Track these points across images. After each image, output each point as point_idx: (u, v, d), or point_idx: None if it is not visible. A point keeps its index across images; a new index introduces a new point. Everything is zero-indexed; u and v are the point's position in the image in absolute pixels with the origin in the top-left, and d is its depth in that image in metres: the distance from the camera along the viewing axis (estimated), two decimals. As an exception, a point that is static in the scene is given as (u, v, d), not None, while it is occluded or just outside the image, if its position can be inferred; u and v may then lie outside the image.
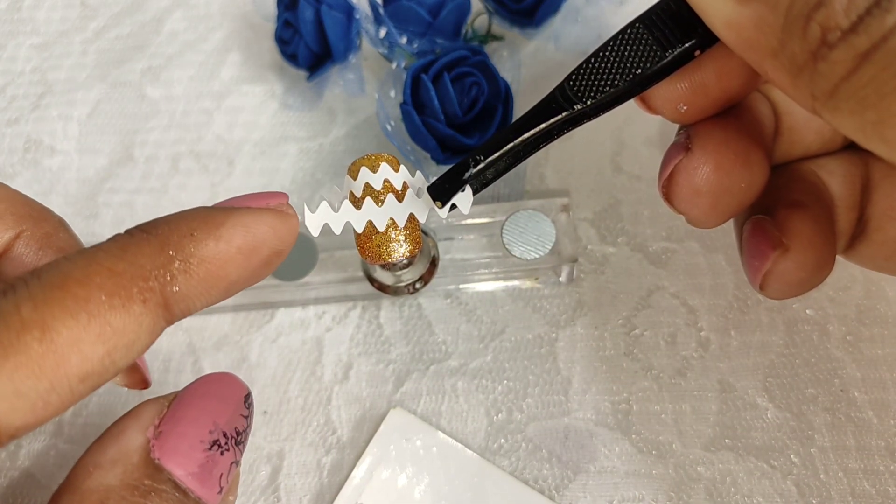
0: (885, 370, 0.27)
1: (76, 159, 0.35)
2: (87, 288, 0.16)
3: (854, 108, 0.15)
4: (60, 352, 0.15)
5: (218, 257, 0.18)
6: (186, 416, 0.20)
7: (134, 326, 0.16)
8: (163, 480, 0.19)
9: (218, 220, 0.18)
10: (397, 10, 0.32)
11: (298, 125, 0.35)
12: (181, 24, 0.38)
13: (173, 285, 0.17)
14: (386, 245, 0.22)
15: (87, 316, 0.16)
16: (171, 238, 0.17)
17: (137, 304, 0.16)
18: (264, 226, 0.19)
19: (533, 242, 0.29)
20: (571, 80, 0.20)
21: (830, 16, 0.15)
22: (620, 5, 0.36)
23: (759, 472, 0.26)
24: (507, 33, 0.35)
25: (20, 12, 0.40)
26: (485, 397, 0.28)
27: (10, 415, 0.15)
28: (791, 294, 0.22)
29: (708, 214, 0.22)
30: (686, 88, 0.21)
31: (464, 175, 0.21)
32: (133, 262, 0.17)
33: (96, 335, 0.16)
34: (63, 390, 0.15)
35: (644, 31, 0.19)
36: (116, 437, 0.20)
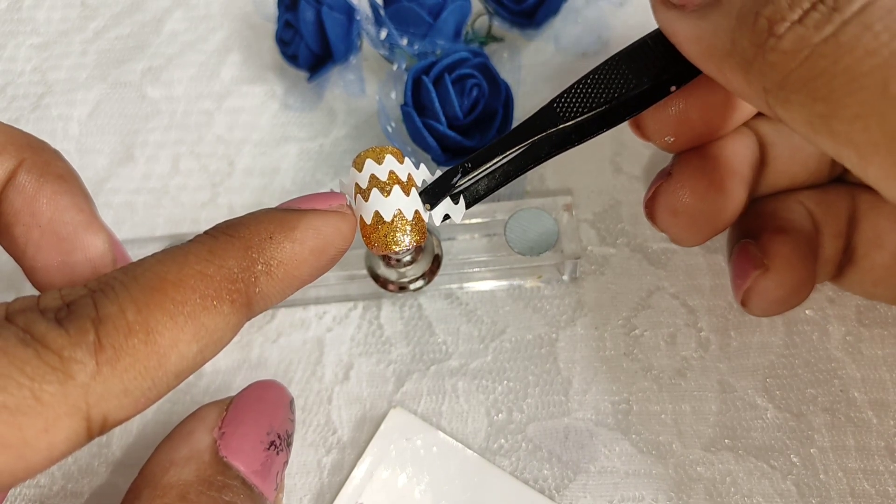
0: (885, 370, 0.27)
1: (76, 159, 0.35)
2: (183, 291, 0.17)
3: (803, 101, 0.16)
4: (162, 352, 0.16)
5: (294, 259, 0.19)
6: (246, 419, 0.22)
7: (223, 325, 0.18)
8: (232, 476, 0.21)
9: (292, 224, 0.19)
10: (398, 11, 0.32)
11: (299, 126, 0.35)
12: (181, 25, 0.38)
13: (256, 286, 0.18)
14: (392, 235, 0.22)
15: (184, 318, 0.17)
16: (253, 241, 0.19)
17: (227, 305, 0.18)
18: (331, 227, 0.20)
19: (535, 240, 0.29)
20: (557, 102, 0.22)
21: (777, 9, 0.16)
22: (620, 6, 0.36)
23: (759, 472, 0.26)
24: (508, 35, 0.35)
25: (20, 12, 0.40)
26: (485, 397, 0.28)
27: (118, 411, 0.16)
28: (772, 312, 0.24)
29: (686, 234, 0.24)
30: (672, 122, 0.23)
31: (452, 180, 0.22)
32: (221, 265, 0.18)
33: (192, 335, 0.17)
34: (161, 386, 0.17)
35: (624, 64, 0.21)
36: (187, 438, 0.22)
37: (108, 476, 0.28)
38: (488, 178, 0.22)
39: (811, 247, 0.24)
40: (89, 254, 0.22)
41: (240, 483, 0.21)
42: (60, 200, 0.22)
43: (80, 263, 0.22)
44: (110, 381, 0.16)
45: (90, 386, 0.15)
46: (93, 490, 0.28)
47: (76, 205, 0.22)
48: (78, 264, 0.21)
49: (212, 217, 0.33)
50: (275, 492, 0.23)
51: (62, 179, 0.22)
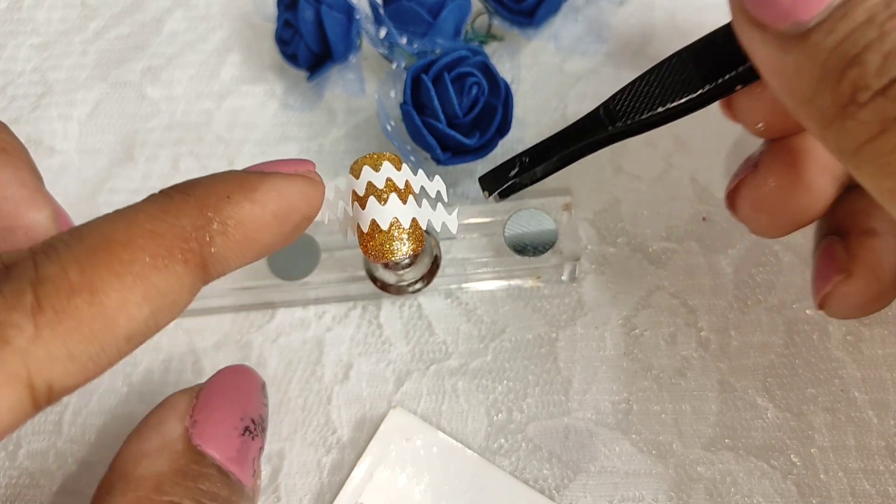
0: (885, 370, 0.27)
1: (76, 159, 0.35)
2: (132, 250, 0.16)
3: (875, 172, 0.15)
4: (109, 314, 0.15)
5: (253, 220, 0.18)
6: (217, 405, 0.21)
7: (176, 287, 0.17)
8: (207, 465, 0.20)
9: (253, 184, 0.18)
10: (397, 10, 0.32)
11: (298, 125, 0.35)
12: (181, 24, 0.38)
13: (212, 246, 0.17)
14: (389, 244, 0.22)
15: (133, 278, 0.16)
16: (209, 200, 0.18)
17: (179, 265, 0.17)
18: (296, 191, 0.19)
19: (535, 241, 0.29)
20: (615, 100, 0.21)
21: (863, 74, 0.15)
22: (620, 5, 0.36)
23: (759, 472, 0.26)
24: (507, 33, 0.35)
25: (20, 12, 0.40)
26: (485, 397, 0.28)
27: (64, 377, 0.15)
28: (850, 316, 0.23)
29: (766, 229, 0.23)
30: (767, 108, 0.21)
31: (510, 172, 0.23)
32: (174, 223, 0.17)
33: (142, 296, 0.16)
34: (111, 351, 0.16)
35: (689, 62, 0.20)
36: (157, 428, 0.21)
37: (108, 476, 0.28)
38: (546, 163, 0.22)
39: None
40: (32, 232, 0.21)
41: (216, 471, 0.21)
42: (1, 174, 0.20)
43: (21, 242, 0.20)
44: (52, 344, 0.15)
45: (30, 351, 0.14)
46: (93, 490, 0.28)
47: (19, 179, 0.21)
48: (19, 242, 0.20)
49: (212, 217, 0.33)
50: (252, 478, 0.22)
51: (4, 152, 0.21)
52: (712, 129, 0.33)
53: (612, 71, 0.34)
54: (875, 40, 0.14)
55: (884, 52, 0.14)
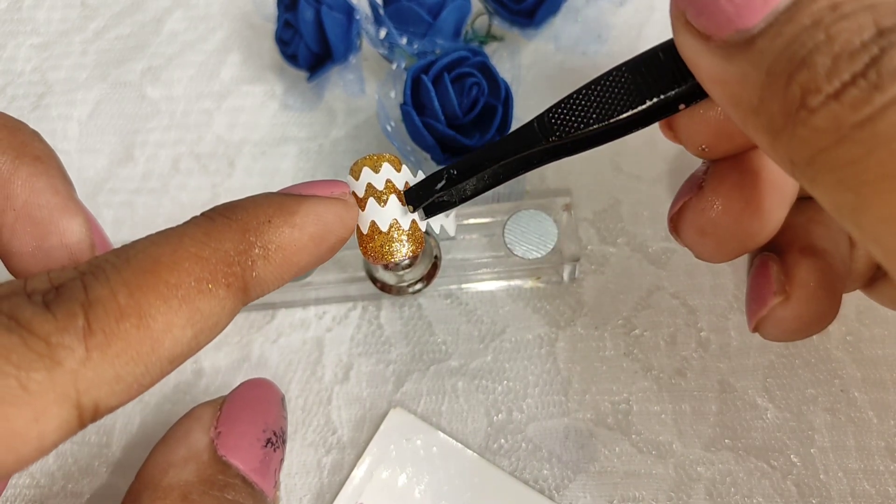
0: (885, 370, 0.27)
1: (76, 159, 0.35)
2: (178, 273, 0.16)
3: (831, 185, 0.14)
4: (155, 337, 0.16)
5: (293, 244, 0.19)
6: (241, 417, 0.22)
7: (218, 309, 0.17)
8: (233, 475, 0.21)
9: (292, 208, 0.19)
10: (397, 10, 0.32)
11: (298, 125, 0.35)
12: (181, 24, 0.38)
13: (253, 270, 0.18)
14: (388, 245, 0.22)
15: (178, 301, 0.16)
16: (251, 224, 0.18)
17: (222, 289, 0.17)
18: (333, 214, 0.20)
19: (535, 241, 0.29)
20: (550, 113, 0.20)
21: (812, 77, 0.14)
22: (620, 6, 0.36)
23: (759, 472, 0.26)
24: (507, 34, 0.35)
25: (20, 12, 0.40)
26: (485, 397, 0.28)
27: (110, 398, 0.15)
28: (785, 339, 0.22)
29: (711, 254, 0.22)
30: (710, 129, 0.20)
31: (436, 185, 0.21)
32: (217, 247, 0.17)
33: (186, 319, 0.16)
34: (155, 372, 0.16)
35: (629, 77, 0.19)
36: (183, 439, 0.21)
37: (108, 477, 0.28)
38: (476, 179, 0.21)
39: (843, 271, 0.21)
40: (66, 238, 0.21)
41: (240, 481, 0.21)
42: (36, 183, 0.21)
43: (55, 248, 0.21)
44: (101, 367, 0.15)
45: (79, 372, 0.15)
46: (93, 490, 0.28)
47: (52, 187, 0.21)
48: (54, 249, 0.21)
49: (212, 217, 0.33)
50: (274, 489, 0.22)
51: (39, 161, 0.21)
52: (712, 130, 0.33)
53: (612, 71, 0.34)
54: (823, 42, 0.14)
55: (833, 54, 0.13)
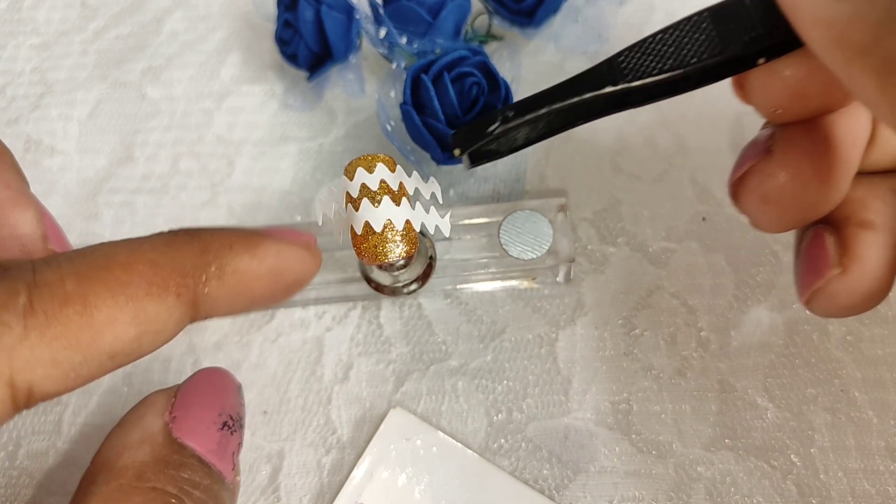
0: (885, 370, 0.27)
1: (76, 159, 0.35)
2: (130, 273, 0.17)
3: None
4: (97, 328, 0.16)
5: (249, 272, 0.19)
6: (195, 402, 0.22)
7: (165, 316, 0.17)
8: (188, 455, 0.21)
9: (256, 240, 0.20)
10: (397, 10, 0.32)
11: (298, 125, 0.35)
12: (181, 24, 0.38)
13: (206, 287, 0.18)
14: (383, 246, 0.22)
15: (126, 299, 0.17)
16: (213, 244, 0.19)
17: (172, 297, 0.17)
18: (294, 255, 0.20)
19: (530, 242, 0.29)
20: (622, 56, 0.19)
21: None
22: (620, 5, 0.36)
23: (759, 472, 0.26)
24: (507, 33, 0.35)
25: (20, 12, 0.40)
26: (485, 397, 0.28)
27: (45, 381, 0.16)
28: (835, 315, 0.21)
29: (772, 222, 0.21)
30: (786, 92, 0.19)
31: (489, 128, 0.20)
32: (175, 257, 0.18)
33: (131, 317, 0.17)
34: (93, 364, 0.16)
35: (709, 23, 0.18)
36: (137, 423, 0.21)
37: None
38: (530, 127, 0.20)
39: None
40: (17, 230, 0.21)
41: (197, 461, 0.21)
42: None
43: (6, 240, 0.21)
44: (38, 348, 0.15)
45: (15, 350, 0.15)
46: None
47: (4, 181, 0.21)
48: (5, 240, 0.21)
49: (212, 217, 0.33)
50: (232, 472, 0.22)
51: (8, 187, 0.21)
52: (712, 130, 0.33)
53: (612, 71, 0.34)
54: None
55: None
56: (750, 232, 0.30)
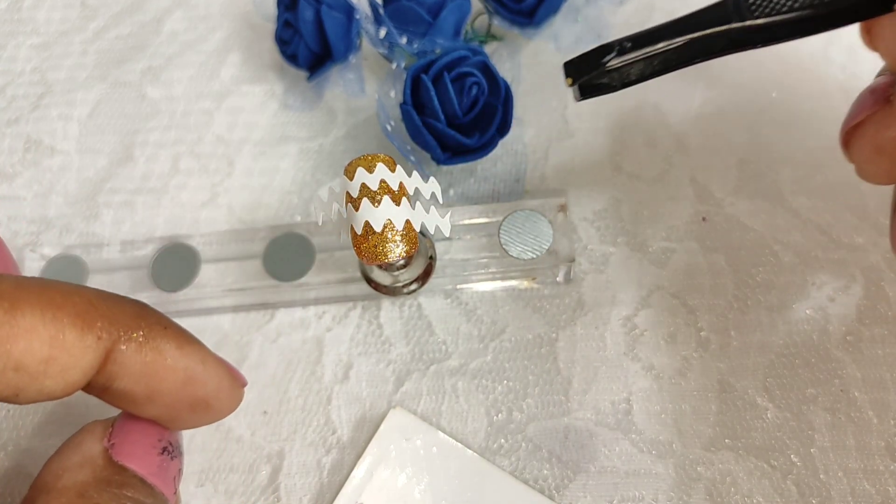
0: (885, 370, 0.27)
1: (76, 159, 0.35)
2: (65, 300, 0.18)
3: None
4: (15, 331, 0.17)
5: (167, 359, 0.20)
6: (134, 428, 0.22)
7: (78, 351, 0.18)
8: (130, 476, 0.21)
9: (189, 337, 0.20)
10: (397, 10, 0.32)
11: (298, 125, 0.35)
12: (181, 24, 0.38)
13: (125, 346, 0.19)
14: (382, 245, 0.22)
15: (52, 319, 0.17)
16: (151, 317, 0.20)
17: (92, 336, 0.18)
18: (217, 375, 0.21)
19: (530, 242, 0.29)
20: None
21: None
22: (620, 5, 0.36)
23: (759, 472, 0.26)
24: (507, 33, 0.35)
25: (20, 12, 0.40)
26: (485, 397, 0.28)
27: None
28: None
29: (882, 174, 0.20)
30: None
31: (604, 58, 0.19)
32: (111, 307, 0.19)
33: (49, 336, 0.17)
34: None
35: None
36: (76, 448, 0.21)
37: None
38: (645, 62, 0.19)
39: None
40: None
41: (139, 482, 0.21)
42: None
43: None
44: None
45: None
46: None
47: None
48: None
49: (212, 217, 0.33)
50: (174, 497, 0.22)
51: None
52: (712, 130, 0.33)
53: (612, 71, 0.34)
54: None
55: None
56: (750, 232, 0.30)
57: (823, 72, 0.34)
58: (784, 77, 0.34)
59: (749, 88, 0.33)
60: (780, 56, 0.34)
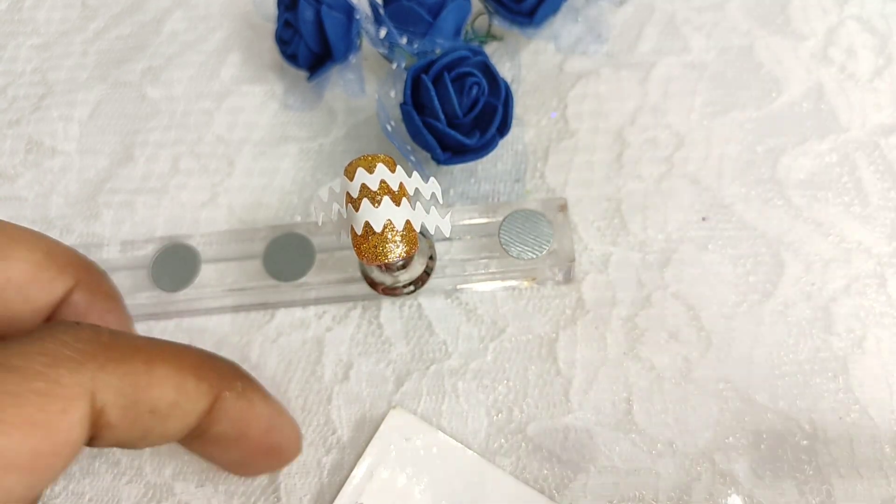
0: (885, 367, 0.27)
1: (77, 160, 0.35)
2: (184, 356, 0.21)
3: None
4: (152, 380, 0.19)
5: (256, 407, 0.23)
6: None
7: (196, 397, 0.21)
8: None
9: (269, 394, 0.24)
10: (397, 10, 0.32)
11: (299, 125, 0.35)
12: (181, 25, 0.38)
13: (227, 392, 0.22)
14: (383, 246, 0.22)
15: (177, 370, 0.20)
16: (244, 375, 0.23)
17: (206, 384, 0.21)
18: (289, 425, 0.25)
19: (530, 242, 0.29)
20: None
21: None
22: (620, 5, 0.36)
23: (759, 472, 0.26)
24: (507, 33, 0.35)
25: (21, 13, 0.40)
26: (485, 397, 0.28)
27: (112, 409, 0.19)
28: None
29: None
30: None
31: None
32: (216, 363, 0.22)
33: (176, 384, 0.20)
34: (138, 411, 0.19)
35: None
36: None
37: (110, 479, 0.28)
38: None
39: None
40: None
41: None
42: (107, 318, 0.24)
43: None
44: (112, 376, 0.18)
45: (96, 374, 0.18)
46: (94, 491, 0.28)
47: (121, 324, 0.25)
48: None
49: (212, 217, 0.33)
50: None
51: (110, 299, 0.24)
52: (712, 130, 0.33)
53: (611, 71, 0.34)
54: None
55: None
56: (750, 231, 0.30)
57: (824, 72, 0.34)
58: (784, 77, 0.34)
59: (749, 88, 0.33)
60: (780, 56, 0.34)
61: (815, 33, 0.35)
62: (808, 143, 0.32)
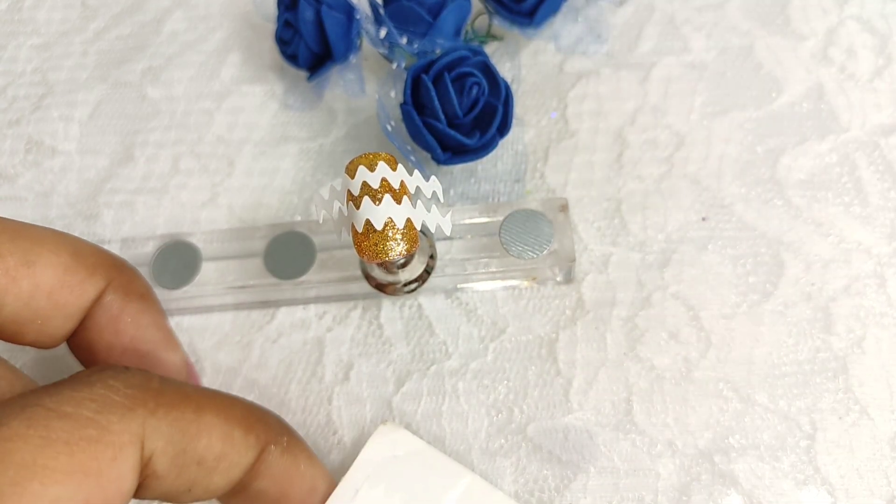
0: (885, 367, 0.27)
1: (77, 160, 0.35)
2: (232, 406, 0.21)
3: None
4: (201, 427, 0.19)
5: (301, 465, 0.22)
6: None
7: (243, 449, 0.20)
8: None
9: (315, 456, 0.23)
10: (397, 10, 0.32)
11: (299, 125, 0.35)
12: (181, 25, 0.38)
13: (274, 446, 0.21)
14: (383, 244, 0.22)
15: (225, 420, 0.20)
16: (290, 432, 0.23)
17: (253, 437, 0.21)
18: (328, 483, 0.24)
19: (530, 242, 0.29)
20: None
21: None
22: (620, 5, 0.36)
23: (759, 472, 0.26)
24: (508, 33, 0.35)
25: (21, 13, 0.40)
26: (485, 397, 0.28)
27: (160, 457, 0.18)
28: None
29: None
30: None
31: None
32: (263, 416, 0.22)
33: (223, 434, 0.20)
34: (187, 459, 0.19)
35: None
36: None
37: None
38: None
39: None
40: (167, 370, 0.24)
41: None
42: (142, 319, 0.23)
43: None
44: (162, 422, 0.18)
45: (147, 419, 0.18)
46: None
47: (156, 323, 0.24)
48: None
49: (212, 217, 0.33)
50: None
51: (143, 298, 0.24)
52: (712, 130, 0.33)
53: (611, 71, 0.34)
54: None
55: None
56: (750, 231, 0.30)
57: (824, 72, 0.34)
58: (784, 77, 0.34)
59: (749, 88, 0.33)
60: (780, 56, 0.34)
61: (815, 33, 0.35)
62: (807, 143, 0.32)
